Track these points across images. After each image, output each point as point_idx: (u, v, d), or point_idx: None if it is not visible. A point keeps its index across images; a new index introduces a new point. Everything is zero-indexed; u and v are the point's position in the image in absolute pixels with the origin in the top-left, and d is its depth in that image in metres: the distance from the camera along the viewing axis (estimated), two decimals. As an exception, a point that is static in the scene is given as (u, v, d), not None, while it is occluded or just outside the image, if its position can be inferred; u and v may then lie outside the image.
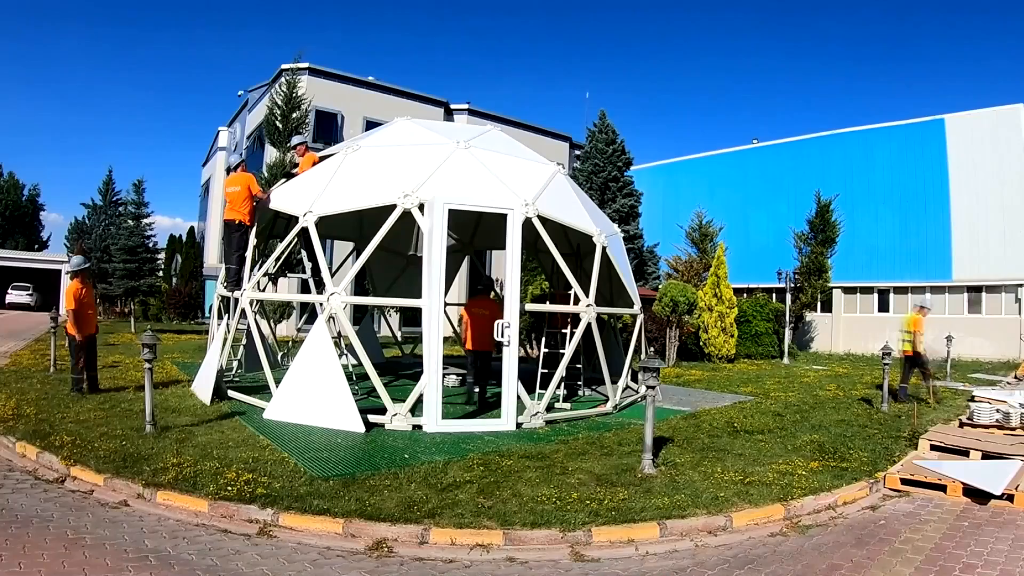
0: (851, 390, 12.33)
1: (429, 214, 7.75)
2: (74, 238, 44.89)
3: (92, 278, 9.82)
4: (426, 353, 7.63)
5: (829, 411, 9.73)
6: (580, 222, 9.11)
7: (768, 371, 16.02)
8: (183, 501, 4.94)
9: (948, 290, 23.75)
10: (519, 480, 5.62)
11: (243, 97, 33.23)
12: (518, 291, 8.03)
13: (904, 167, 24.94)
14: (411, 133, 9.69)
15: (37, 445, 6.17)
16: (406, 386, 9.71)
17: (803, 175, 26.64)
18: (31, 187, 52.53)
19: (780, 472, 6.10)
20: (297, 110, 19.39)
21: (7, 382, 9.77)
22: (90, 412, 7.69)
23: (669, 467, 6.14)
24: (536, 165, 9.51)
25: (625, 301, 10.53)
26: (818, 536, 4.89)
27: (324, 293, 7.92)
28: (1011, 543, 4.73)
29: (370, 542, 4.45)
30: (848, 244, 23.70)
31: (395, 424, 7.54)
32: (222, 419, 7.62)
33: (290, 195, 9.24)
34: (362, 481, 5.43)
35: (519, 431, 7.73)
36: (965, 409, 9.40)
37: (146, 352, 6.68)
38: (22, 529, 4.40)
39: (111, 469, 5.48)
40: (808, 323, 26.02)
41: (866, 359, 21.40)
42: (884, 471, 6.26)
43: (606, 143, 23.57)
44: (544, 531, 4.58)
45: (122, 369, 11.86)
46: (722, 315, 17.75)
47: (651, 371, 6.08)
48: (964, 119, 23.82)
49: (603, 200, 22.45)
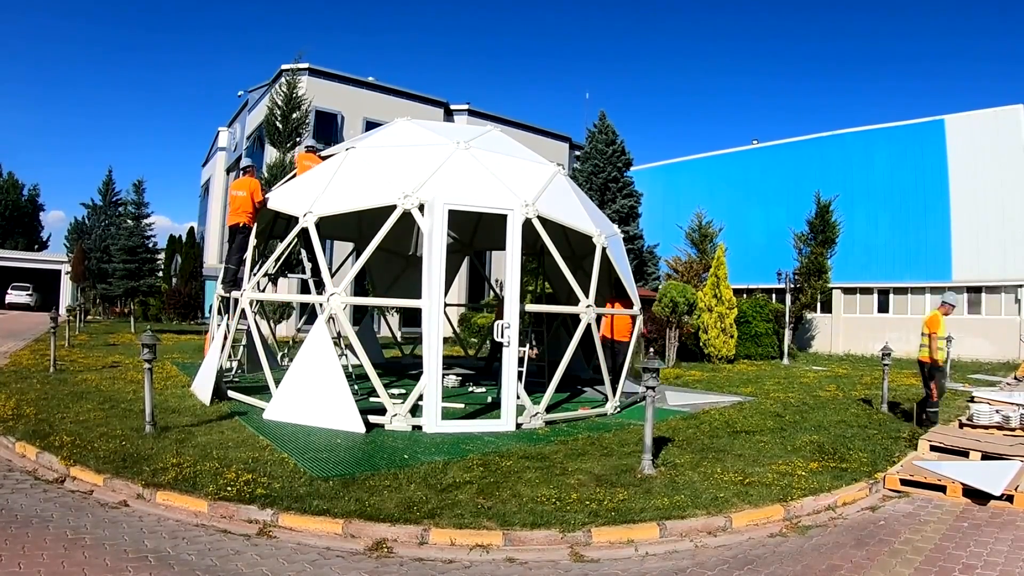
0: (851, 391, 12.34)
1: (429, 214, 7.75)
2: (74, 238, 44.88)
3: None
4: (426, 353, 7.63)
5: (829, 412, 9.74)
6: (580, 223, 9.11)
7: (768, 372, 16.02)
8: (183, 501, 4.94)
9: (948, 291, 23.72)
10: (519, 481, 5.62)
11: (243, 97, 33.25)
12: (518, 291, 8.03)
13: (904, 168, 24.94)
14: (411, 133, 9.69)
15: (37, 445, 6.17)
16: (406, 386, 9.72)
17: (803, 176, 26.63)
18: (31, 187, 52.67)
19: (780, 473, 6.10)
20: (297, 110, 19.41)
21: (7, 382, 9.77)
22: (90, 412, 7.69)
23: (669, 468, 6.15)
24: (536, 166, 9.52)
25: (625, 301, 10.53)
26: (818, 537, 4.89)
27: (324, 294, 7.93)
28: (1011, 544, 4.73)
29: (370, 542, 4.45)
30: (848, 245, 23.69)
31: (395, 425, 7.54)
32: (222, 419, 7.62)
33: (290, 195, 9.24)
34: (362, 481, 5.43)
35: (519, 432, 7.73)
36: (965, 410, 9.40)
37: (146, 352, 6.68)
38: (22, 529, 4.39)
39: (111, 469, 5.48)
40: (808, 324, 26.02)
41: (866, 360, 21.40)
42: (884, 472, 6.26)
43: (606, 144, 23.56)
44: (544, 531, 4.58)
45: (122, 369, 11.87)
46: (722, 316, 17.75)
47: (651, 371, 6.08)
48: (964, 119, 23.82)
49: (603, 201, 22.44)
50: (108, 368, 12.07)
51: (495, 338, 7.96)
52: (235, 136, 36.41)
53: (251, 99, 31.92)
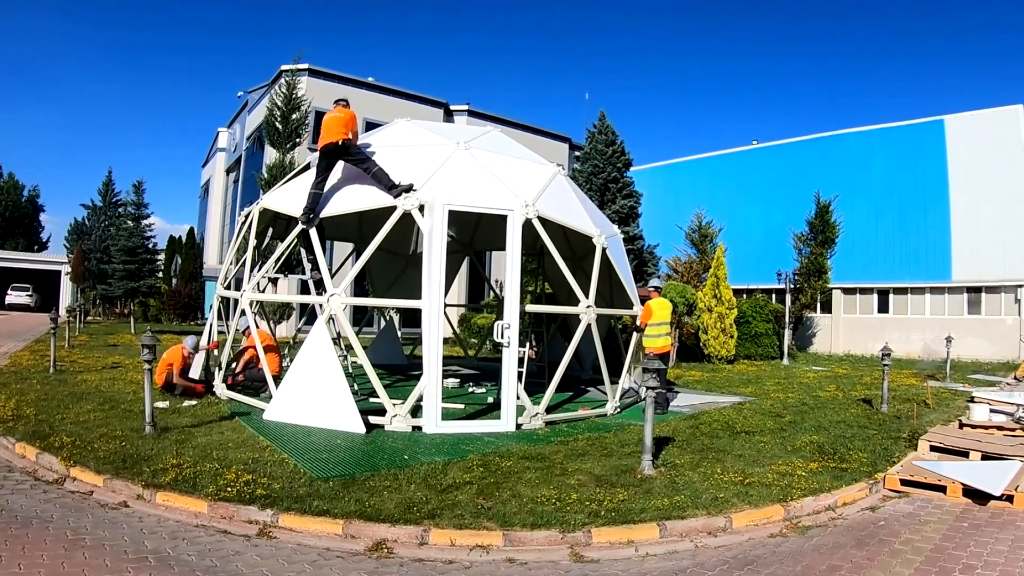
0: (851, 391, 12.33)
1: (429, 215, 7.75)
2: (74, 239, 44.88)
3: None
4: (426, 354, 7.63)
5: (829, 412, 9.73)
6: (580, 223, 9.11)
7: (768, 372, 16.01)
8: (183, 502, 4.94)
9: (948, 291, 23.75)
10: (519, 481, 5.62)
11: (243, 98, 33.26)
12: (518, 292, 8.04)
13: (904, 168, 24.95)
14: (411, 134, 9.70)
15: (37, 446, 6.17)
16: (407, 387, 9.71)
17: (802, 176, 26.63)
18: (31, 188, 52.66)
19: (780, 473, 6.10)
20: (297, 111, 19.41)
21: (7, 383, 9.77)
22: (90, 413, 7.70)
23: (669, 468, 6.15)
24: (536, 166, 9.52)
25: (625, 302, 10.53)
26: (818, 537, 4.89)
27: (324, 294, 7.93)
28: (1011, 544, 4.73)
29: (370, 543, 4.45)
30: (848, 245, 23.68)
31: (395, 425, 7.55)
32: (222, 420, 7.62)
33: (290, 196, 9.24)
34: (362, 482, 5.44)
35: (519, 432, 7.73)
36: (965, 410, 9.40)
37: (146, 353, 6.68)
38: (22, 530, 4.40)
39: (111, 470, 5.48)
40: (808, 324, 26.02)
41: (866, 360, 21.40)
42: (884, 472, 6.26)
43: (606, 144, 23.55)
44: (544, 532, 4.58)
45: (122, 370, 11.87)
46: (721, 316, 17.75)
47: (651, 372, 6.08)
48: (964, 119, 23.83)
49: (603, 201, 22.42)
50: (108, 369, 12.07)
51: (495, 338, 7.96)
52: (235, 137, 36.43)
53: (251, 100, 31.94)
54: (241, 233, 10.22)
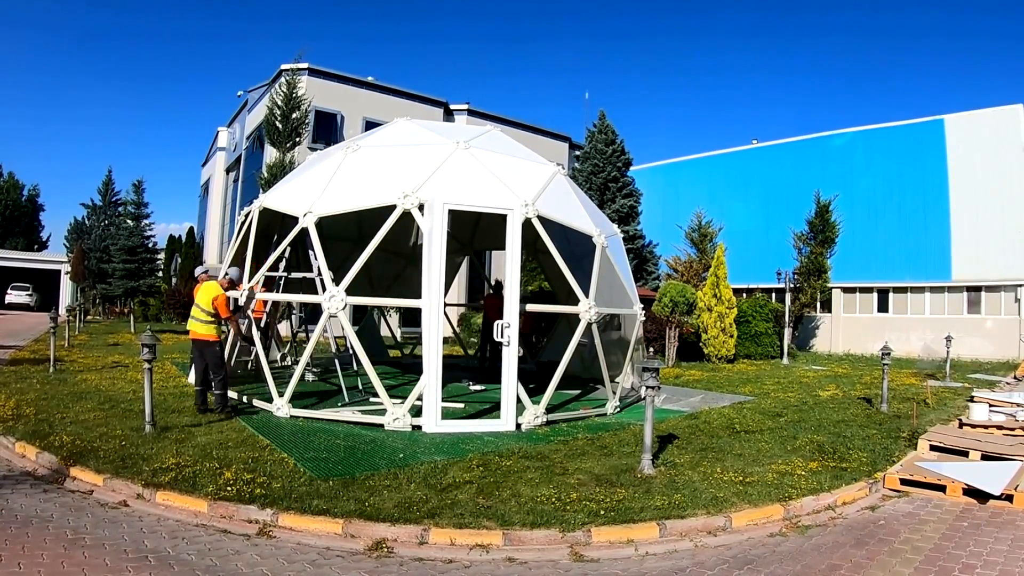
0: (851, 390, 12.33)
1: (429, 214, 7.75)
2: (73, 238, 44.87)
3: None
4: (426, 353, 7.63)
5: (828, 411, 9.73)
6: (580, 222, 9.11)
7: (767, 371, 16.01)
8: (183, 501, 4.94)
9: (947, 290, 23.75)
10: (519, 480, 5.62)
11: (243, 97, 33.25)
12: (518, 291, 8.03)
13: (903, 167, 24.94)
14: (411, 133, 9.69)
15: (37, 445, 6.17)
16: (406, 387, 9.71)
17: (802, 175, 26.63)
18: (31, 187, 52.63)
19: (779, 472, 6.10)
20: (297, 110, 19.43)
21: (7, 382, 9.77)
22: (90, 412, 7.70)
23: (668, 467, 6.15)
24: (536, 165, 9.52)
25: (625, 301, 10.51)
26: (817, 536, 4.89)
27: (324, 294, 7.92)
28: (1010, 543, 4.73)
29: (370, 542, 4.45)
30: (847, 244, 23.70)
31: (395, 425, 7.55)
32: (222, 419, 7.62)
33: (290, 195, 9.24)
34: (362, 481, 5.43)
35: (519, 432, 7.73)
36: (965, 409, 9.40)
37: (146, 352, 6.68)
38: (22, 529, 4.39)
39: (111, 469, 5.48)
40: (807, 323, 26.02)
41: (866, 359, 21.39)
42: (883, 471, 6.26)
43: (606, 143, 23.59)
44: (543, 531, 4.58)
45: (122, 369, 11.86)
46: (721, 315, 17.73)
47: (651, 371, 6.08)
48: (964, 119, 23.82)
49: (603, 200, 22.46)
50: (108, 368, 12.07)
51: (495, 338, 7.95)
52: (235, 136, 36.41)
53: (251, 99, 31.92)
54: (241, 232, 10.21)
